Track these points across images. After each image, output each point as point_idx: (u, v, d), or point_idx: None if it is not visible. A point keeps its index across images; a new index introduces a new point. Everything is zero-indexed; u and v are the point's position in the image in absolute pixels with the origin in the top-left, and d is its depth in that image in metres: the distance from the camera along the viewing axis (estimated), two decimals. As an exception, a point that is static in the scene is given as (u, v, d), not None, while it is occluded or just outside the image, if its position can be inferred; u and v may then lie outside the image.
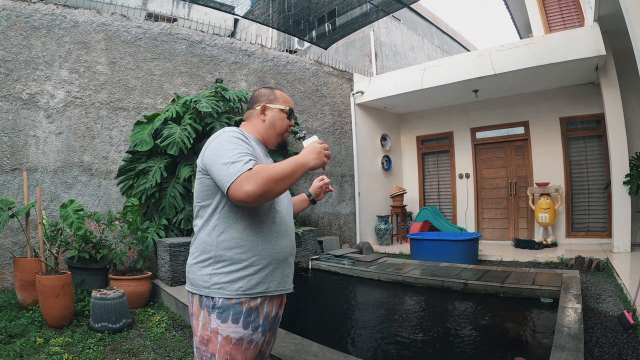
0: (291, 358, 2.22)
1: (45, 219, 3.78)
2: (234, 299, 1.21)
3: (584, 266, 4.95)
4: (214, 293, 1.22)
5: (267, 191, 1.12)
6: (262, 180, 1.10)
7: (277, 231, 1.31)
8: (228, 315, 1.21)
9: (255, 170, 1.12)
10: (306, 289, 4.80)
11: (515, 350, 2.63)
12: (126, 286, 3.70)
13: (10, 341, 2.90)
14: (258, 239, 1.26)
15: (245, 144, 1.24)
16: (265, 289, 1.27)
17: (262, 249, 1.27)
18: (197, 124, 4.96)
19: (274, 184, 1.12)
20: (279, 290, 1.31)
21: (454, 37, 14.36)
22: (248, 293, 1.23)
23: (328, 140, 7.36)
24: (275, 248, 1.29)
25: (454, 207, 8.21)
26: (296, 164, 1.18)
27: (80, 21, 4.84)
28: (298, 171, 1.18)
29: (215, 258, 1.25)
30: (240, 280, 1.23)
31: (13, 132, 4.36)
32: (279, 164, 1.17)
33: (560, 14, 8.09)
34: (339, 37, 7.39)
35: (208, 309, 1.22)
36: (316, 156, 1.23)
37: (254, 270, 1.25)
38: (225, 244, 1.25)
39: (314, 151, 1.24)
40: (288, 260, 1.36)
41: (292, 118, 1.52)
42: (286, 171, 1.15)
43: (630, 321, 2.81)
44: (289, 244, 1.36)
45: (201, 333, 1.23)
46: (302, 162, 1.21)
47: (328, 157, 1.27)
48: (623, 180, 5.41)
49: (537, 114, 7.21)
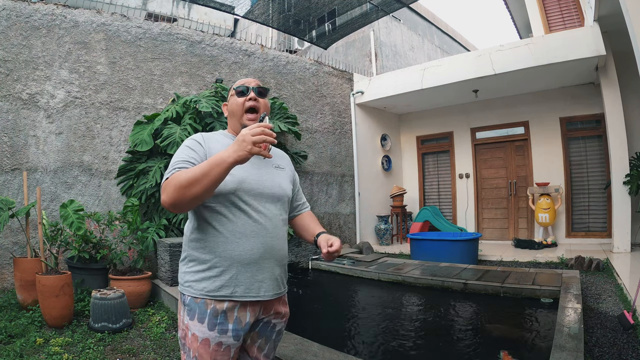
0: (291, 358, 2.22)
1: (45, 219, 3.78)
2: (199, 298, 1.21)
3: (584, 266, 4.95)
4: (185, 290, 1.25)
5: (179, 198, 1.07)
6: (171, 189, 1.08)
7: (240, 232, 1.22)
8: (194, 314, 1.21)
9: (170, 178, 1.11)
10: (306, 289, 4.81)
11: (515, 350, 2.63)
12: (126, 286, 3.69)
13: (10, 341, 2.90)
14: (218, 239, 1.22)
15: (188, 151, 1.22)
16: (230, 293, 1.20)
17: (222, 250, 1.21)
18: (197, 124, 4.96)
19: (183, 189, 1.06)
20: (247, 296, 1.22)
21: (454, 37, 14.36)
22: (212, 295, 1.20)
23: (328, 140, 7.36)
24: (237, 250, 1.21)
25: (454, 207, 8.21)
26: (211, 162, 1.06)
27: (80, 21, 4.84)
28: (213, 170, 1.05)
29: (188, 257, 1.27)
30: (205, 280, 1.21)
31: (13, 132, 4.36)
32: (193, 167, 1.10)
33: (560, 14, 8.09)
34: (339, 37, 7.39)
35: (183, 304, 1.26)
36: (238, 147, 1.04)
37: (216, 272, 1.21)
38: (194, 243, 1.26)
39: (237, 140, 1.06)
40: (260, 265, 1.24)
41: (247, 92, 1.35)
42: (195, 174, 1.06)
43: (630, 321, 2.81)
44: (259, 246, 1.24)
45: (181, 327, 1.26)
46: (220, 158, 1.05)
47: (267, 142, 1.05)
48: (623, 180, 5.41)
49: (537, 114, 7.21)
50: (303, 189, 6.86)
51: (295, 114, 6.56)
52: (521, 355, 2.56)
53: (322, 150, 7.24)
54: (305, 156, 6.47)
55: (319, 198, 7.15)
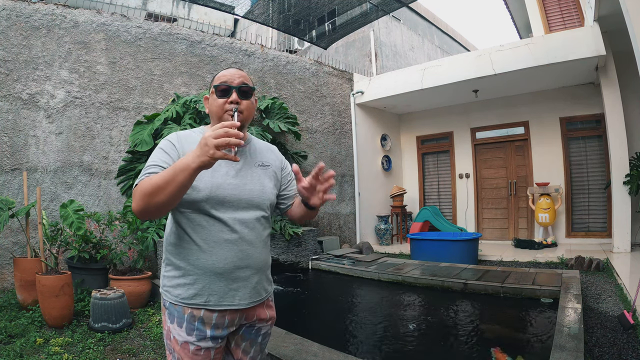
0: (291, 358, 2.22)
1: (45, 219, 3.78)
2: (177, 304, 1.19)
3: (584, 266, 4.95)
4: (164, 294, 1.23)
5: (146, 206, 1.03)
6: (138, 197, 1.04)
7: (214, 240, 1.17)
8: (174, 318, 1.20)
9: (138, 185, 1.06)
10: (306, 288, 4.81)
11: (515, 350, 2.63)
12: (126, 286, 3.69)
13: (10, 341, 2.90)
14: (192, 247, 1.18)
15: (161, 154, 1.16)
16: (204, 302, 1.17)
17: (195, 259, 1.17)
18: (197, 124, 4.96)
19: (148, 197, 1.02)
20: (222, 305, 1.18)
21: (454, 37, 14.36)
22: (186, 302, 1.18)
23: (328, 140, 7.36)
24: (209, 260, 1.17)
25: (454, 207, 8.21)
26: (175, 168, 0.99)
27: (80, 21, 4.84)
28: (178, 176, 0.98)
29: (165, 261, 1.25)
30: (180, 287, 1.19)
31: (13, 132, 4.36)
32: (159, 174, 1.04)
33: (560, 14, 8.09)
34: (339, 36, 7.39)
35: (164, 307, 1.25)
36: (200, 152, 0.95)
37: (190, 280, 1.18)
38: (171, 248, 1.23)
39: (200, 144, 0.96)
40: (234, 274, 1.19)
41: (228, 94, 1.21)
42: (160, 181, 1.00)
43: (630, 321, 2.81)
44: (232, 255, 1.18)
45: (164, 327, 1.25)
46: (184, 164, 0.98)
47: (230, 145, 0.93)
48: (623, 180, 5.41)
49: (537, 114, 7.20)
50: (303, 189, 6.84)
51: (295, 114, 6.56)
52: (521, 355, 2.57)
53: (322, 150, 7.24)
54: (305, 156, 6.47)
55: (319, 198, 7.14)
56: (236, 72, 1.25)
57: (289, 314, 3.65)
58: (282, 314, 1.46)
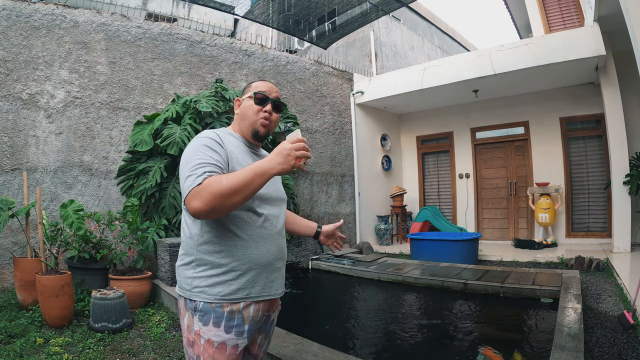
0: (291, 358, 2.22)
1: (45, 219, 3.78)
2: (214, 303, 1.19)
3: (584, 266, 4.95)
4: (195, 296, 1.21)
5: (216, 207, 1.05)
6: (209, 197, 1.04)
7: (258, 235, 1.25)
8: (209, 319, 1.19)
9: (205, 185, 1.06)
10: (306, 288, 4.81)
11: (516, 350, 2.63)
12: (126, 286, 3.69)
13: (10, 341, 2.90)
14: (237, 244, 1.22)
15: (210, 152, 1.17)
16: (246, 294, 1.22)
17: (242, 254, 1.22)
18: (197, 124, 4.96)
19: (223, 198, 1.04)
20: (262, 295, 1.26)
21: (454, 37, 14.36)
22: (228, 298, 1.20)
23: (328, 140, 7.36)
24: (256, 253, 1.24)
25: (454, 207, 8.21)
26: (254, 172, 1.06)
27: (80, 21, 4.84)
28: (256, 180, 1.06)
29: (196, 261, 1.23)
30: (220, 284, 1.20)
31: (13, 132, 4.36)
32: (233, 175, 1.08)
33: (560, 14, 8.09)
34: (339, 36, 7.40)
35: (191, 311, 1.22)
36: (283, 160, 1.07)
37: (234, 275, 1.21)
38: (205, 247, 1.22)
39: (281, 154, 1.08)
40: (273, 265, 1.29)
41: (265, 103, 1.32)
42: (239, 183, 1.05)
43: (630, 321, 2.81)
44: (274, 248, 1.29)
45: (187, 335, 1.23)
46: (263, 169, 1.07)
47: (306, 158, 1.10)
48: (623, 180, 5.41)
49: (537, 114, 7.21)
50: (303, 189, 6.87)
51: (295, 114, 6.56)
52: (518, 351, 2.57)
53: (322, 150, 7.24)
54: (305, 156, 6.46)
55: (319, 198, 7.15)
56: (273, 87, 1.38)
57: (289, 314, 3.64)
58: (282, 314, 1.47)
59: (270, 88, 1.36)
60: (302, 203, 6.78)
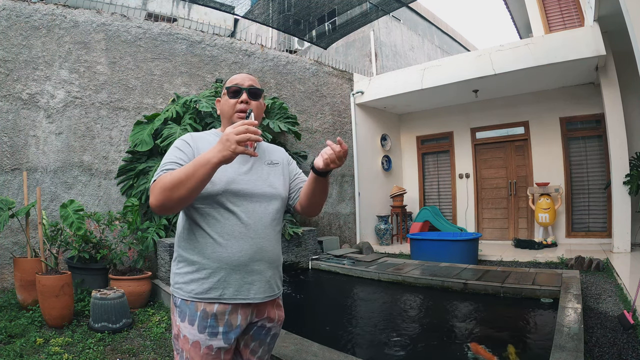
0: (291, 358, 2.22)
1: (45, 219, 3.78)
2: (189, 300, 1.20)
3: (584, 266, 4.95)
4: (175, 292, 1.24)
5: (165, 200, 1.07)
6: (158, 191, 1.07)
7: (228, 233, 1.20)
8: (185, 316, 1.20)
9: (157, 181, 1.10)
10: (306, 289, 4.81)
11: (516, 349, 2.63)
12: (126, 286, 3.69)
13: (10, 341, 2.90)
14: (207, 241, 1.20)
15: (177, 152, 1.20)
16: (219, 295, 1.19)
17: (211, 252, 1.19)
18: (197, 124, 4.96)
19: (168, 192, 1.05)
20: (236, 298, 1.20)
21: (454, 37, 14.36)
22: (200, 297, 1.19)
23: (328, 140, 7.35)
24: (225, 252, 1.19)
25: (454, 207, 8.21)
26: (195, 163, 1.05)
27: (80, 21, 4.84)
28: (198, 171, 1.04)
29: (178, 257, 1.26)
30: (194, 282, 1.20)
31: (13, 132, 4.36)
32: (178, 169, 1.09)
33: (560, 14, 8.09)
34: (339, 36, 7.39)
35: (174, 306, 1.25)
36: (222, 146, 1.02)
37: (205, 274, 1.19)
38: (183, 244, 1.25)
39: (221, 141, 1.03)
40: (249, 267, 1.22)
41: (238, 95, 1.31)
42: (180, 176, 1.05)
43: (630, 321, 2.81)
44: (249, 248, 1.22)
45: (174, 329, 1.25)
46: (205, 158, 1.04)
47: (251, 141, 1.02)
48: (623, 180, 5.41)
49: (537, 114, 7.20)
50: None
51: (295, 114, 6.56)
52: (521, 355, 2.56)
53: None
54: (305, 156, 6.47)
55: (319, 198, 7.14)
56: (246, 76, 1.35)
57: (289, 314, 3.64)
58: (282, 313, 1.47)
59: (244, 78, 1.34)
60: (302, 203, 6.77)
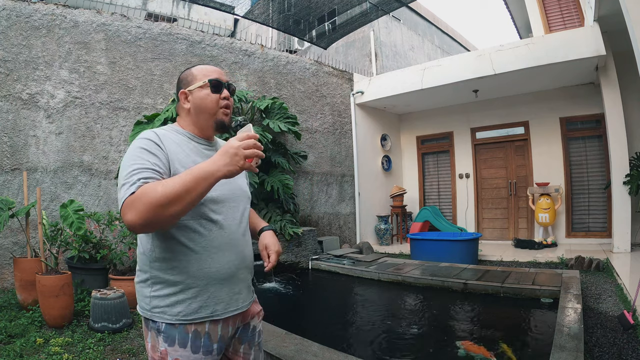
0: (291, 358, 2.22)
1: (45, 219, 3.78)
2: (177, 323, 1.08)
3: (584, 266, 4.95)
4: (156, 317, 1.09)
5: (152, 219, 0.90)
6: (144, 207, 0.89)
7: (215, 246, 1.11)
8: (174, 340, 1.08)
9: (138, 194, 0.92)
10: (306, 289, 4.81)
11: (516, 349, 2.63)
12: (126, 286, 3.69)
13: (10, 341, 2.90)
14: (191, 258, 1.08)
15: (147, 155, 1.03)
16: (210, 313, 1.10)
17: (198, 269, 1.09)
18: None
19: (159, 209, 0.89)
20: (228, 312, 1.14)
21: (454, 37, 14.35)
22: (190, 318, 1.08)
23: (328, 140, 7.36)
24: (213, 266, 1.10)
25: (454, 207, 8.21)
26: (196, 176, 0.92)
27: (80, 21, 4.84)
28: (200, 185, 0.92)
29: (152, 279, 1.11)
30: (179, 304, 1.08)
31: (13, 132, 4.36)
32: (171, 180, 0.93)
33: (560, 14, 8.09)
34: (339, 36, 7.40)
35: (155, 331, 1.10)
36: (229, 160, 0.94)
37: (192, 293, 1.08)
38: (158, 264, 1.09)
39: (228, 153, 0.94)
40: (236, 277, 1.16)
41: (221, 89, 1.19)
42: (177, 190, 0.90)
43: (630, 321, 2.80)
44: (235, 258, 1.15)
45: (152, 354, 1.12)
46: (207, 171, 0.93)
47: (257, 157, 0.97)
48: (623, 180, 5.41)
49: (537, 114, 7.20)
50: (303, 189, 6.86)
51: (295, 114, 6.55)
52: (522, 355, 2.57)
53: (322, 150, 7.24)
54: (305, 156, 6.47)
55: (319, 198, 7.15)
56: (220, 70, 1.24)
57: (289, 314, 3.65)
58: (282, 314, 1.47)
59: (220, 72, 1.22)
60: (302, 203, 6.78)
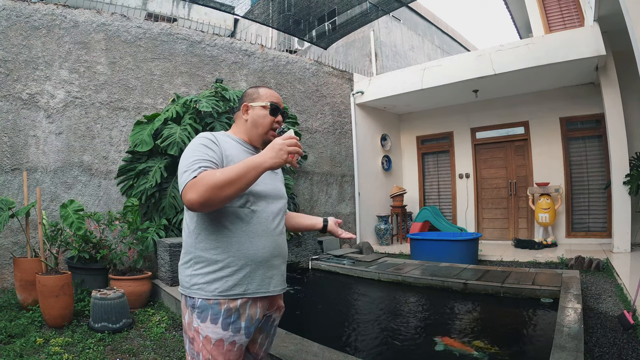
0: (291, 358, 2.22)
1: (45, 219, 3.78)
2: (212, 299, 1.22)
3: (584, 266, 4.95)
4: (194, 293, 1.24)
5: (211, 198, 1.09)
6: (203, 188, 1.08)
7: (253, 232, 1.28)
8: (207, 316, 1.22)
9: (199, 177, 1.11)
10: (306, 289, 4.81)
11: (514, 349, 2.63)
12: (126, 286, 3.69)
13: (10, 341, 2.90)
14: (232, 240, 1.25)
15: (206, 150, 1.22)
16: (243, 291, 1.25)
17: (237, 250, 1.25)
18: (197, 124, 4.96)
19: (217, 190, 1.08)
20: (259, 292, 1.28)
21: (454, 37, 14.35)
22: (225, 294, 1.22)
23: (328, 140, 7.36)
24: (251, 249, 1.27)
25: (454, 207, 8.21)
26: (247, 165, 1.12)
27: (80, 21, 4.84)
28: (250, 173, 1.12)
29: (194, 259, 1.27)
30: (216, 281, 1.23)
31: (13, 132, 4.36)
32: (227, 168, 1.14)
33: (560, 14, 8.09)
34: (339, 36, 7.40)
35: (191, 308, 1.26)
36: (275, 154, 1.13)
37: (230, 271, 1.24)
38: (202, 244, 1.26)
39: (274, 148, 1.14)
40: (270, 262, 1.32)
41: (277, 114, 1.41)
42: (232, 175, 1.10)
43: (630, 321, 2.81)
44: (269, 245, 1.32)
45: (187, 332, 1.27)
46: (256, 162, 1.13)
47: (298, 154, 1.16)
48: (623, 180, 5.41)
49: (537, 114, 7.21)
50: (303, 189, 6.87)
51: (295, 114, 6.56)
52: (522, 355, 2.57)
53: (322, 150, 7.24)
54: (305, 156, 6.47)
55: (319, 198, 7.15)
56: (279, 97, 1.46)
57: (289, 314, 3.64)
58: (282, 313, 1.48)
59: (279, 98, 1.44)
60: (302, 203, 6.78)
